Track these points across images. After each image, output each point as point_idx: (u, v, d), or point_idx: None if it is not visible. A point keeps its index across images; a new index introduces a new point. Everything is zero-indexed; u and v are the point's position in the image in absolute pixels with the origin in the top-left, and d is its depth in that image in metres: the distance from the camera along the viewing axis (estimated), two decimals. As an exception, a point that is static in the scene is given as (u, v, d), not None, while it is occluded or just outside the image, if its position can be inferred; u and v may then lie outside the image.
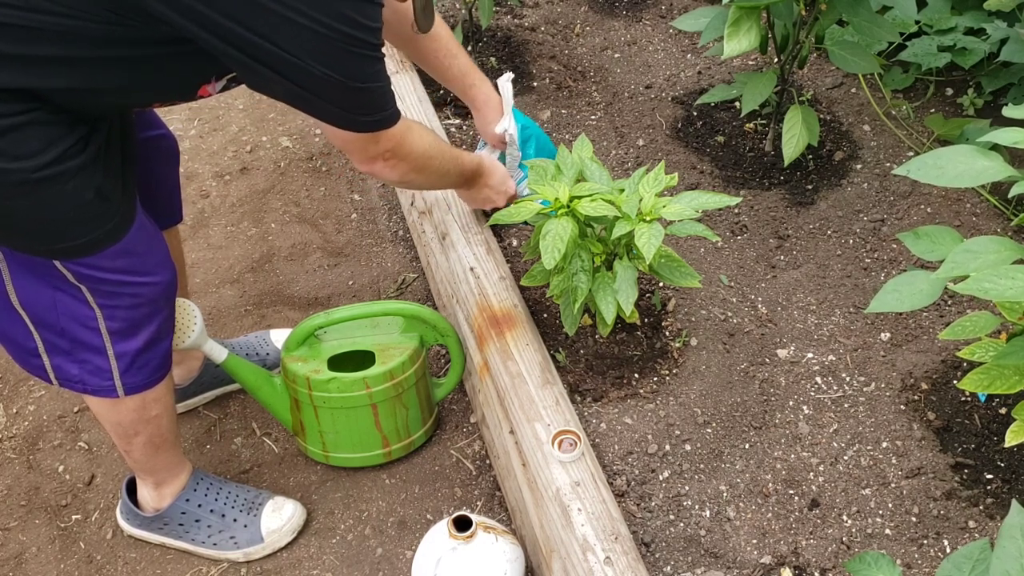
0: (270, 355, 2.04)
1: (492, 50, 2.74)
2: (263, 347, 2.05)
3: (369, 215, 2.52)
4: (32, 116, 1.20)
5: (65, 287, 1.37)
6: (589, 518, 1.44)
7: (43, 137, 1.21)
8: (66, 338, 1.43)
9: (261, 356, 2.03)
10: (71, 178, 1.25)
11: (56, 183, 1.24)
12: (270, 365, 2.01)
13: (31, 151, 1.20)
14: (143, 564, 1.76)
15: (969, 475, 1.60)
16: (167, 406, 1.60)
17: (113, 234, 1.35)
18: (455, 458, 1.89)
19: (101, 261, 1.35)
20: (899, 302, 1.45)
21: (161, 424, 1.60)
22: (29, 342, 1.45)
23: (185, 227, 2.53)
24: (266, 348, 2.05)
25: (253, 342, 2.05)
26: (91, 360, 1.46)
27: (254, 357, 2.02)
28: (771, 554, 1.53)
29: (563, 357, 1.82)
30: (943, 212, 2.08)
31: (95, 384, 1.48)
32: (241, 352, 2.01)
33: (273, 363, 2.02)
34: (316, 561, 1.74)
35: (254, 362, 1.97)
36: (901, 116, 2.36)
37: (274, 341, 2.06)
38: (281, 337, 2.06)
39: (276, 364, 2.01)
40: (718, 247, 2.08)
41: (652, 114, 2.48)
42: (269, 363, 2.02)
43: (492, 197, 1.86)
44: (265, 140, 2.82)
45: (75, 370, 1.47)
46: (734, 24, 1.87)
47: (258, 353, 2.03)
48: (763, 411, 1.74)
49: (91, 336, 1.43)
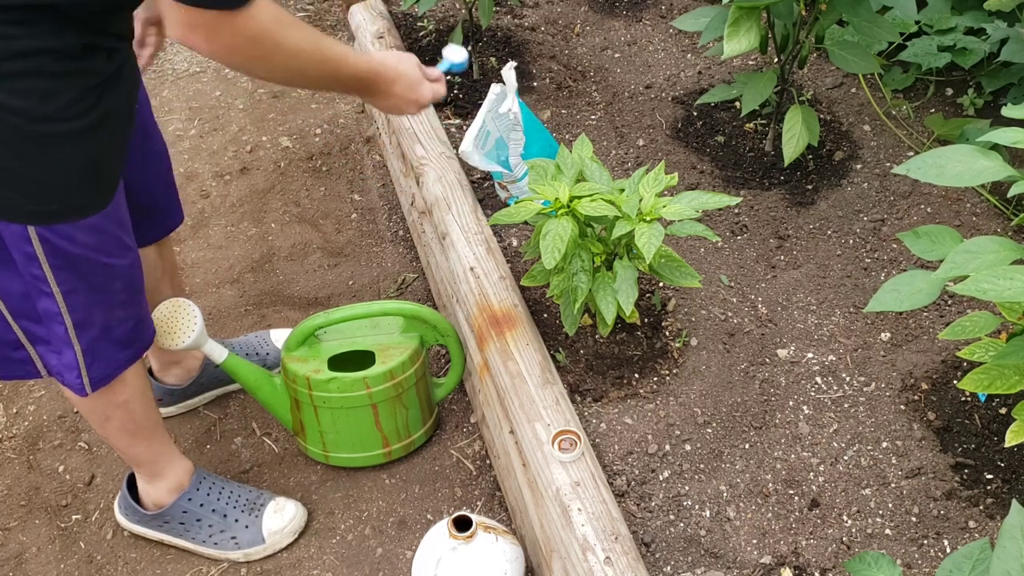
0: (270, 355, 2.04)
1: (492, 50, 2.74)
2: (263, 347, 2.05)
3: (369, 215, 2.52)
4: (53, 63, 1.19)
5: (33, 272, 1.35)
6: (589, 518, 1.44)
7: (58, 90, 1.21)
8: (43, 326, 1.43)
9: (261, 356, 2.03)
10: (75, 139, 1.26)
11: (63, 141, 1.24)
12: (270, 365, 2.02)
13: (52, 104, 1.20)
14: (143, 564, 1.76)
15: (969, 475, 1.60)
16: (136, 390, 1.58)
17: (99, 203, 1.35)
18: (455, 458, 1.89)
19: (75, 232, 1.34)
20: (898, 302, 1.45)
21: (132, 409, 1.59)
22: (9, 334, 1.44)
23: (185, 227, 2.53)
24: (266, 348, 2.05)
25: (253, 342, 2.05)
26: (63, 351, 1.45)
27: (254, 357, 2.02)
28: (771, 554, 1.53)
29: (563, 357, 1.82)
30: (943, 212, 2.08)
31: (70, 379, 1.48)
32: (241, 352, 2.01)
33: (273, 363, 2.02)
34: (316, 561, 1.74)
35: (254, 362, 1.97)
36: (901, 116, 2.36)
37: (274, 341, 2.06)
38: (281, 337, 2.06)
39: (276, 364, 2.01)
40: (718, 247, 2.08)
41: (652, 114, 2.48)
42: (269, 363, 2.02)
43: (400, 106, 1.62)
44: (265, 140, 2.82)
45: (54, 360, 1.47)
46: (734, 24, 1.87)
47: (258, 353, 2.04)
48: (763, 411, 1.74)
49: (58, 326, 1.42)
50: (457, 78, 2.62)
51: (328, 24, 3.41)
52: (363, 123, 2.87)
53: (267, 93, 3.05)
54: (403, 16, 2.92)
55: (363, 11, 2.83)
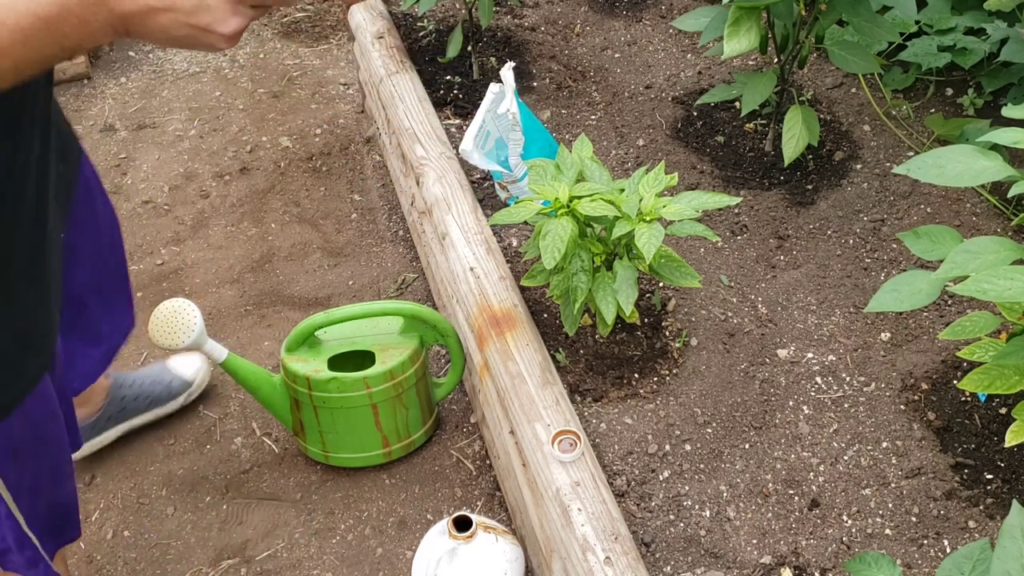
0: (173, 382, 2.00)
1: (492, 50, 2.74)
2: (166, 374, 2.01)
3: (369, 215, 2.52)
4: None
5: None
6: (589, 518, 1.44)
7: None
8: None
9: (165, 383, 1.99)
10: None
11: None
12: (175, 392, 2.00)
13: None
14: (143, 564, 1.76)
15: (969, 475, 1.60)
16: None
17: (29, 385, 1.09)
18: (455, 458, 1.89)
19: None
20: (898, 302, 1.45)
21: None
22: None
23: (185, 227, 2.53)
24: (169, 376, 2.01)
25: (156, 369, 2.01)
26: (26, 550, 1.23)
27: (159, 385, 1.98)
28: (771, 554, 1.53)
29: (563, 357, 1.82)
30: (943, 212, 2.08)
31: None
32: (147, 383, 1.97)
33: (177, 390, 2.01)
34: (316, 561, 1.74)
35: (159, 392, 1.97)
36: (901, 116, 2.36)
37: (172, 369, 2.02)
38: (182, 364, 2.04)
39: (180, 391, 2.01)
40: (718, 247, 2.08)
41: (652, 114, 2.48)
42: (174, 390, 2.00)
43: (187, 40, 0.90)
44: (265, 140, 2.82)
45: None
46: (734, 24, 1.87)
47: (161, 381, 1.99)
48: (763, 411, 1.74)
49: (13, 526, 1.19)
50: (458, 78, 2.62)
51: (328, 24, 3.41)
52: (363, 123, 2.87)
53: (267, 93, 3.05)
54: (403, 16, 2.92)
55: (363, 11, 2.83)
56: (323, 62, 3.21)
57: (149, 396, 1.96)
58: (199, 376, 2.04)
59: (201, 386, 2.05)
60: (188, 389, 2.02)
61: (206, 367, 2.06)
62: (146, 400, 1.96)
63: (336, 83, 3.06)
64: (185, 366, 2.03)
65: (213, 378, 2.10)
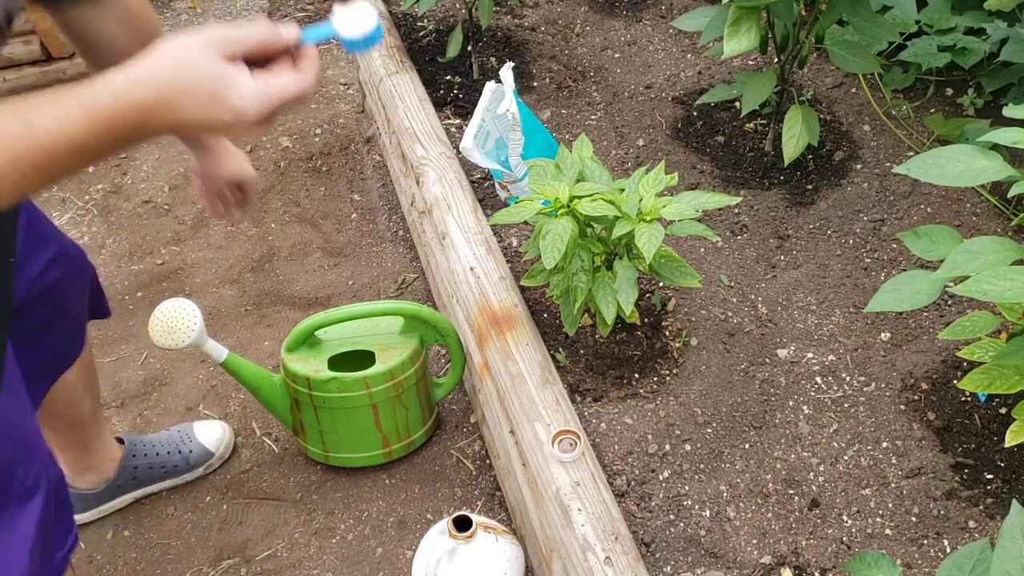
0: (193, 452, 1.89)
1: (492, 50, 2.74)
2: (186, 443, 1.89)
3: (369, 215, 2.52)
4: None
5: None
6: (589, 518, 1.44)
7: None
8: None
9: (184, 454, 1.88)
10: None
11: None
12: (192, 464, 1.88)
13: None
14: (143, 564, 1.76)
15: (969, 475, 1.60)
16: None
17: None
18: (455, 458, 1.89)
19: None
20: (898, 302, 1.45)
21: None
22: None
23: (185, 227, 2.53)
24: (189, 444, 1.89)
25: (175, 437, 1.90)
26: None
27: (176, 455, 1.87)
28: (771, 554, 1.53)
29: (563, 357, 1.82)
30: (943, 212, 2.08)
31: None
32: (163, 450, 1.87)
33: (196, 461, 1.89)
34: (316, 561, 1.74)
35: (176, 461, 1.86)
36: (901, 116, 2.36)
37: (198, 435, 1.91)
38: (205, 430, 1.92)
39: (199, 463, 1.89)
40: (718, 247, 2.08)
41: (652, 114, 2.48)
42: (192, 461, 1.88)
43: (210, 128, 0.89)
44: (265, 140, 2.82)
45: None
46: (734, 24, 1.87)
47: (180, 451, 1.88)
48: (763, 411, 1.74)
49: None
50: (458, 78, 2.62)
51: (328, 24, 3.41)
52: (363, 123, 2.86)
53: (267, 93, 3.05)
54: (403, 16, 2.92)
55: (363, 11, 2.82)
56: (323, 62, 3.21)
57: (164, 467, 1.85)
58: (221, 447, 1.90)
59: (223, 458, 1.91)
60: (208, 461, 1.89)
61: (230, 436, 1.93)
62: (161, 470, 1.85)
63: (336, 83, 3.06)
64: (209, 433, 1.90)
65: (213, 378, 2.10)
